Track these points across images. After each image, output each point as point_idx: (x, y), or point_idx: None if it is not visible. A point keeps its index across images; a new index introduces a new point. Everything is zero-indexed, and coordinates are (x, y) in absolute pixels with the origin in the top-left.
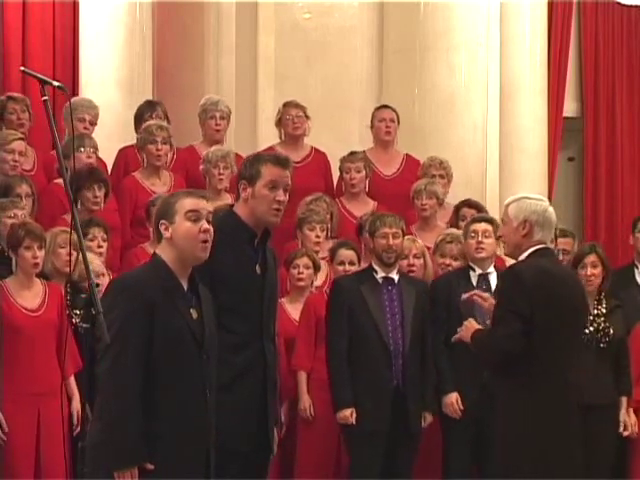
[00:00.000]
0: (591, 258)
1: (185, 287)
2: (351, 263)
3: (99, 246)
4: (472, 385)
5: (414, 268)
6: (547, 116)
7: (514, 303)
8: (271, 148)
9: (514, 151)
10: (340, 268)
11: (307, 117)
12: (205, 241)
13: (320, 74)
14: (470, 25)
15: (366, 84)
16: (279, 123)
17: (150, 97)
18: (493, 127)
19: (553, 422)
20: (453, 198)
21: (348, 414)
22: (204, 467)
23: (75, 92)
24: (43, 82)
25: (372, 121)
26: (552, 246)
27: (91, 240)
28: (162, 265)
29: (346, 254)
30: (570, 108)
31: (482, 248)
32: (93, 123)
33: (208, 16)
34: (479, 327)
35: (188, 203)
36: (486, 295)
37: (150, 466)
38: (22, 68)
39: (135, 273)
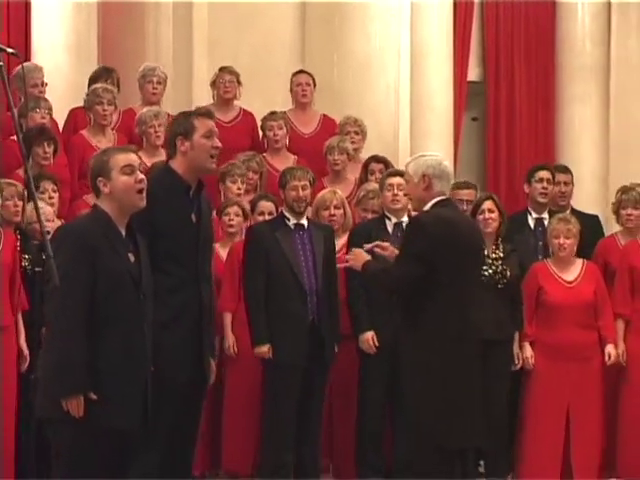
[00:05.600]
0: (487, 204)
1: (123, 234)
2: (270, 214)
3: (50, 197)
4: (387, 324)
5: (334, 218)
6: (453, 80)
7: (416, 247)
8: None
9: (423, 111)
10: (260, 218)
11: (239, 83)
12: (141, 190)
13: (249, 41)
14: None
15: (290, 51)
16: (213, 85)
17: (95, 62)
18: (404, 89)
19: (456, 356)
20: (368, 153)
21: (265, 350)
22: (143, 396)
23: (27, 57)
24: None
25: (290, 85)
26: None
27: (42, 192)
28: (102, 214)
29: (265, 205)
30: (474, 73)
31: (397, 200)
32: (44, 84)
33: None
34: (369, 258)
35: (121, 159)
36: (386, 245)
37: (93, 396)
38: None
39: (78, 222)
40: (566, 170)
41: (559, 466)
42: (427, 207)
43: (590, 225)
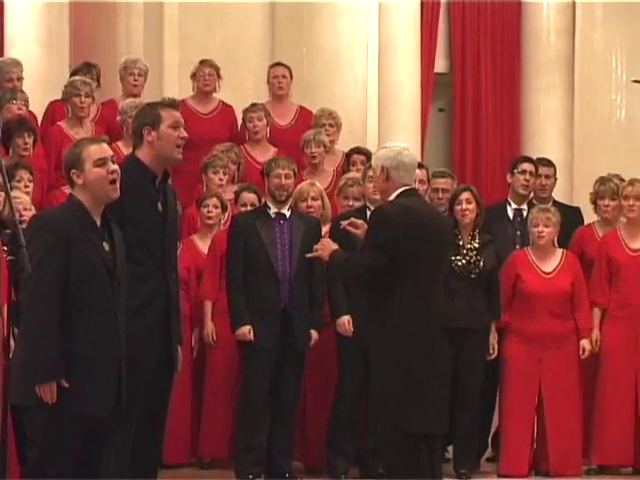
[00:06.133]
0: (465, 195)
1: (98, 223)
2: (252, 205)
3: (26, 186)
4: (362, 309)
5: (312, 209)
6: (420, 72)
7: (379, 236)
8: (183, 101)
9: (391, 103)
10: (243, 209)
11: (219, 76)
12: (114, 181)
13: (220, 37)
14: None
15: (260, 45)
16: (193, 77)
17: (67, 57)
18: (372, 82)
19: (420, 344)
20: (338, 145)
21: (246, 331)
22: (116, 383)
23: (1, 49)
24: None
25: (267, 77)
26: (420, 187)
27: (18, 181)
28: (78, 204)
29: (248, 197)
30: (440, 64)
31: None
32: (20, 79)
33: None
34: (336, 247)
35: (94, 151)
36: (359, 222)
37: (65, 384)
38: None
39: (53, 211)
40: (549, 163)
41: (529, 453)
42: (391, 198)
43: (571, 217)
